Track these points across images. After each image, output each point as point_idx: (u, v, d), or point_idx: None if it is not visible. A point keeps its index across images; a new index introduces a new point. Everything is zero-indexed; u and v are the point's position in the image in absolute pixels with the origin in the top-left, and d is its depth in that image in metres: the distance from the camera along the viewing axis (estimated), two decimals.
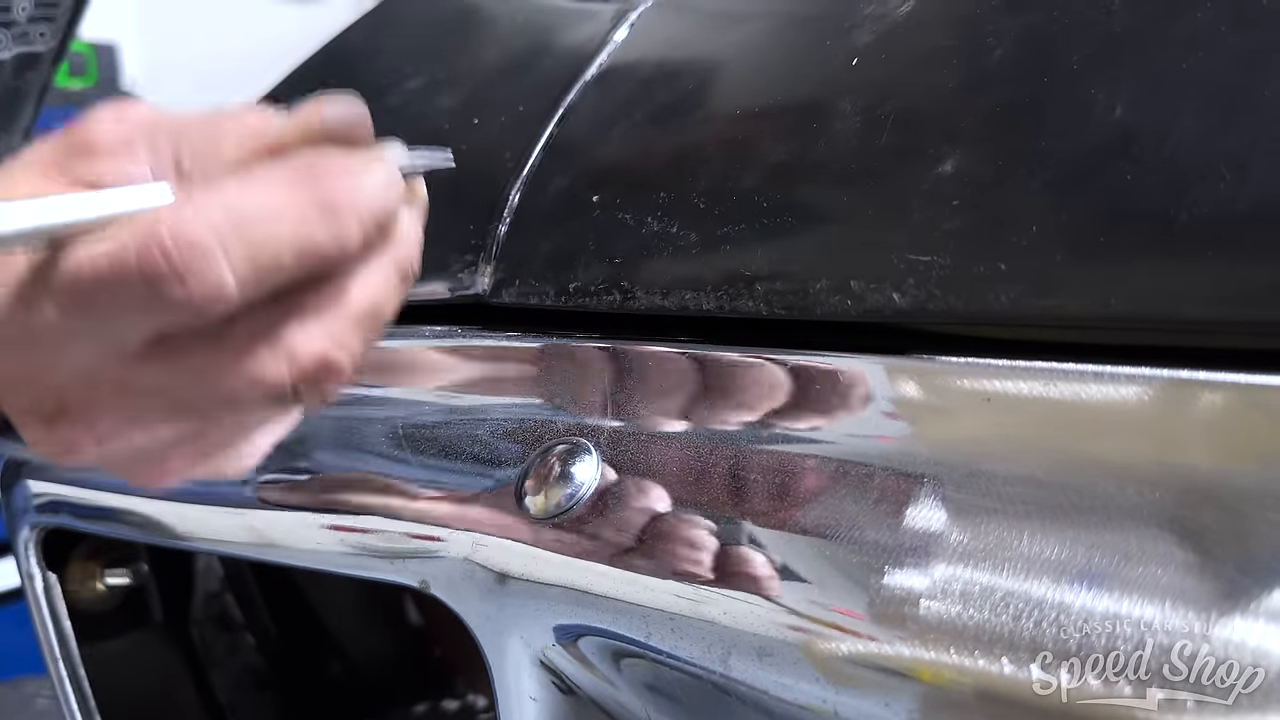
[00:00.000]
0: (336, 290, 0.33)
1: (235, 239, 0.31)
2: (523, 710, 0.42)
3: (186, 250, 0.30)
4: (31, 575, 0.59)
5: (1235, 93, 0.30)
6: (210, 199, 0.31)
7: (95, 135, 0.35)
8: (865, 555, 0.31)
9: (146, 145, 0.35)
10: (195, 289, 0.30)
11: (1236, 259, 0.29)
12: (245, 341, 0.33)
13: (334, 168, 0.32)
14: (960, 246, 0.33)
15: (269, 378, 0.33)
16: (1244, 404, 0.28)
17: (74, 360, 0.33)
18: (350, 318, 0.34)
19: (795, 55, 0.44)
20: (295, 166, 0.32)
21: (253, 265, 0.31)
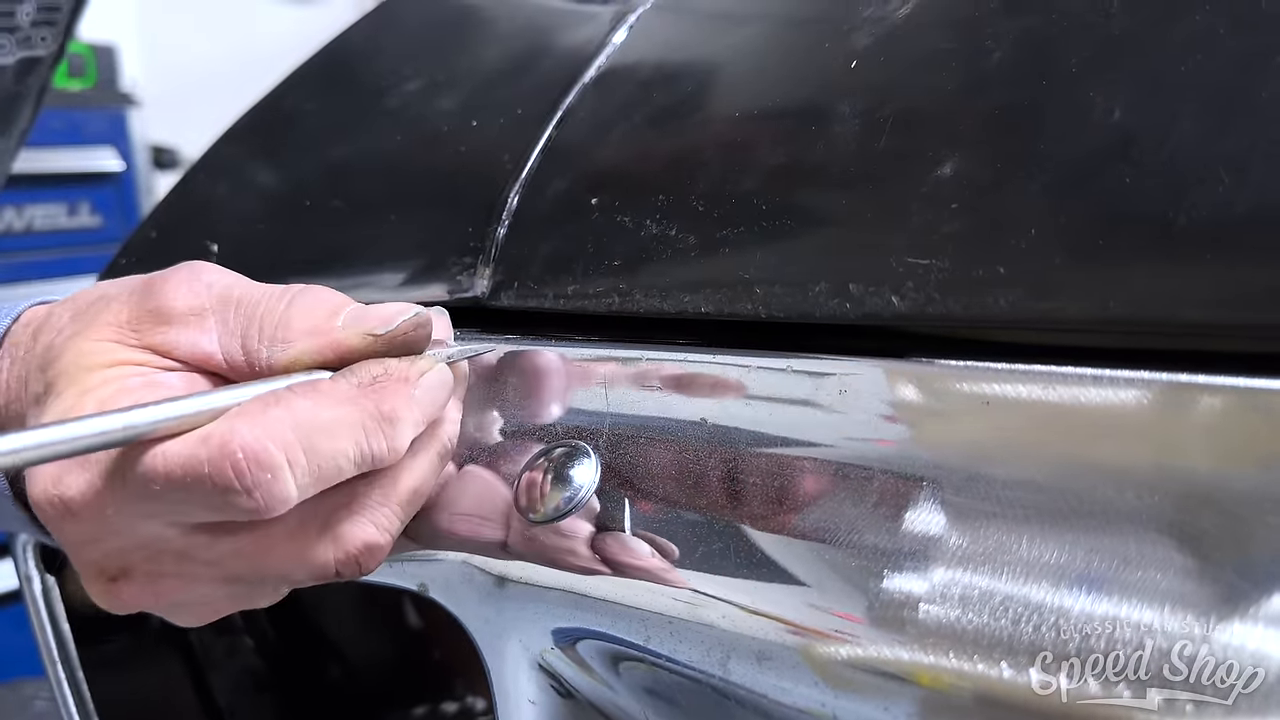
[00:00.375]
0: (386, 481, 0.37)
1: (301, 454, 0.34)
2: (521, 713, 0.42)
3: (255, 467, 0.33)
4: (30, 578, 0.59)
5: (1234, 95, 0.30)
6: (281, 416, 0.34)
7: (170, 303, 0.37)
8: (864, 559, 0.31)
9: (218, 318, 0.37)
10: (261, 500, 0.33)
11: (1235, 262, 0.29)
12: (297, 528, 0.36)
13: (394, 379, 0.36)
14: (959, 249, 0.33)
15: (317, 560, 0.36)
16: (1243, 407, 0.28)
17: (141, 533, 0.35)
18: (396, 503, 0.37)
19: (794, 58, 0.44)
20: (359, 382, 0.36)
21: (315, 476, 0.34)
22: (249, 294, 0.38)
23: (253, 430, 0.33)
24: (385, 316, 0.37)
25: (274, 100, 0.64)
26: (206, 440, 0.33)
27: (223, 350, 0.37)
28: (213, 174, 0.61)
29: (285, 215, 0.56)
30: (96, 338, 0.37)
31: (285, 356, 0.36)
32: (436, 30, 0.63)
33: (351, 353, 0.37)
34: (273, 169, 0.59)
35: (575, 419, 0.41)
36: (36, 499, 0.35)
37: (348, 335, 0.37)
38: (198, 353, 0.37)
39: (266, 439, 0.33)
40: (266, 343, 0.37)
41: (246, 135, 0.62)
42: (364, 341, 0.37)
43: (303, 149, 0.59)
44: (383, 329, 0.37)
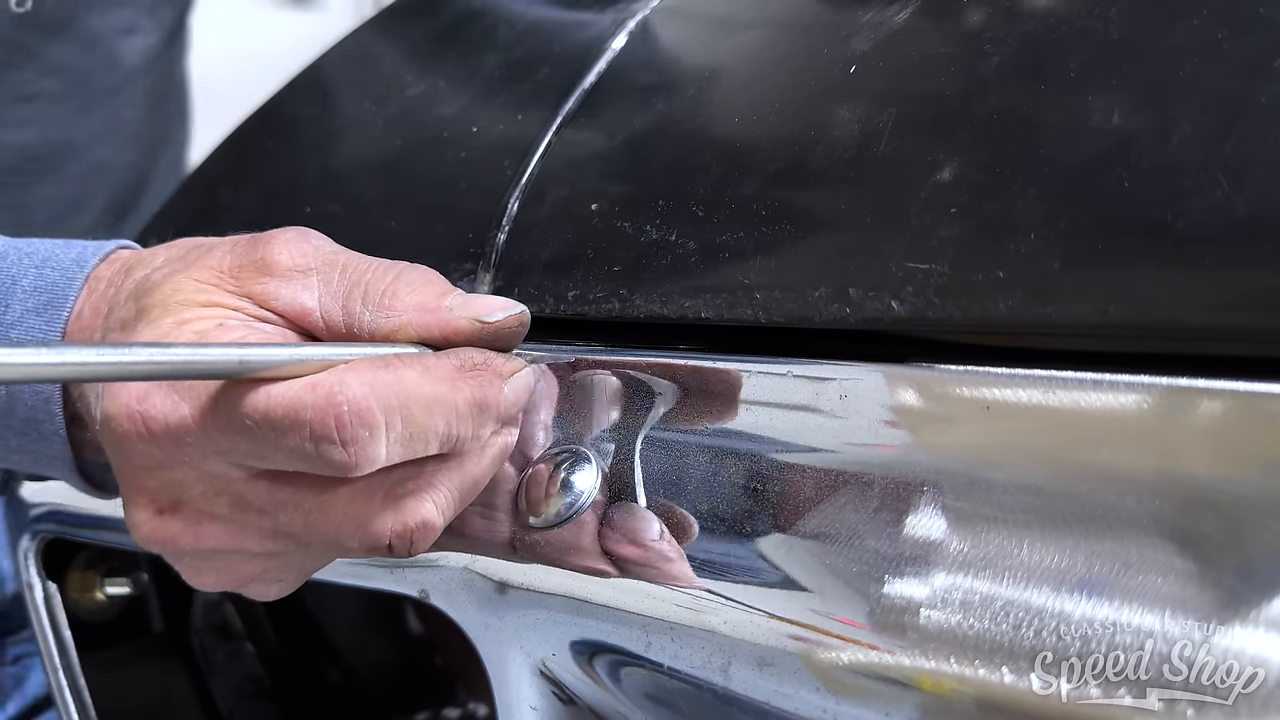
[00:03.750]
0: (456, 466, 0.37)
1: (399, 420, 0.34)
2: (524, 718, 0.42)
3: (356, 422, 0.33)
4: (31, 585, 0.59)
5: (1232, 100, 0.30)
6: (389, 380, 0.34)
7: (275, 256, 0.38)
8: (866, 564, 0.31)
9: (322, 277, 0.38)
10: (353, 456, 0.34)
11: (1235, 266, 0.29)
12: (363, 492, 0.36)
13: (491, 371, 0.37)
14: (958, 254, 0.33)
15: (372, 529, 0.36)
16: (1244, 411, 0.28)
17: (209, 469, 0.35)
18: (458, 490, 0.37)
19: (793, 63, 0.44)
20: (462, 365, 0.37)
21: (405, 445, 0.35)
22: (355, 260, 0.39)
23: (360, 387, 0.33)
24: (494, 306, 0.38)
25: (274, 106, 0.64)
26: (314, 388, 0.33)
27: (322, 308, 0.38)
28: (212, 180, 0.61)
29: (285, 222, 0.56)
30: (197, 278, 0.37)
31: (389, 324, 0.37)
32: (436, 37, 0.63)
33: (457, 335, 0.37)
34: (273, 174, 0.59)
35: (576, 425, 0.41)
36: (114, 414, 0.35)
37: (456, 318, 0.37)
38: (296, 306, 0.37)
39: (372, 398, 0.34)
40: (371, 308, 0.37)
41: (246, 141, 0.62)
42: (471, 326, 0.37)
43: (302, 155, 0.59)
44: (491, 317, 0.38)
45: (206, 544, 0.37)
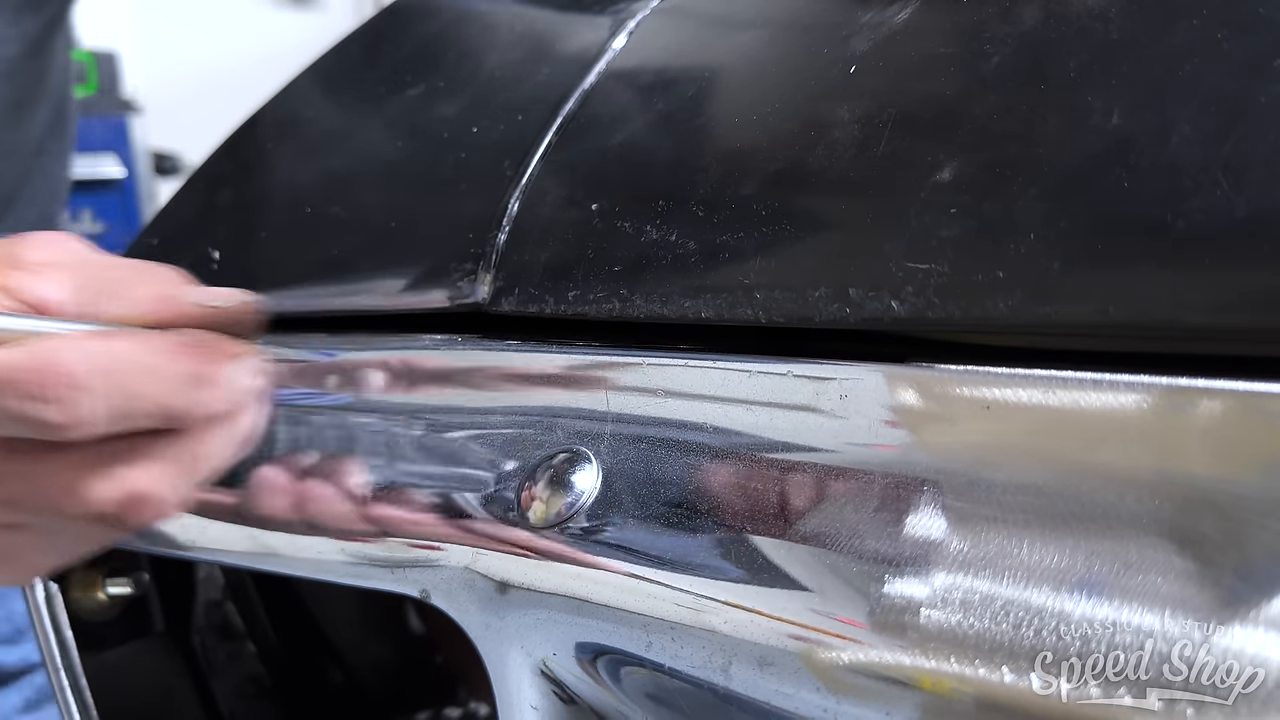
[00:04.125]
0: (181, 443, 0.38)
1: (113, 386, 0.35)
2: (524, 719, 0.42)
3: (67, 384, 0.34)
4: (32, 584, 0.59)
5: (1231, 101, 0.30)
6: (101, 348, 0.36)
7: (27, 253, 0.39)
8: (866, 564, 0.31)
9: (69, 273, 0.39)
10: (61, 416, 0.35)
11: (1234, 266, 0.29)
12: (81, 460, 0.37)
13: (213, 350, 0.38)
14: (958, 254, 0.33)
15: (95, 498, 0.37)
16: (1243, 411, 0.28)
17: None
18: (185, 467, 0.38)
19: (793, 63, 0.44)
20: (183, 342, 0.38)
21: (120, 412, 0.36)
22: (102, 258, 0.40)
23: (72, 352, 0.35)
24: (225, 294, 0.40)
25: (273, 108, 0.64)
26: (30, 353, 0.35)
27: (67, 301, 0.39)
28: (213, 182, 0.61)
29: (285, 223, 0.56)
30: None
31: (120, 309, 0.39)
32: (436, 37, 0.63)
33: (186, 319, 0.39)
34: (273, 177, 0.59)
35: (576, 425, 0.41)
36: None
37: (184, 302, 0.39)
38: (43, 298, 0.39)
39: (83, 363, 0.35)
40: (110, 298, 0.39)
41: (246, 143, 0.62)
42: (198, 310, 0.39)
43: (303, 156, 0.59)
44: (215, 302, 0.40)
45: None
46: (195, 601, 0.67)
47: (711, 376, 0.39)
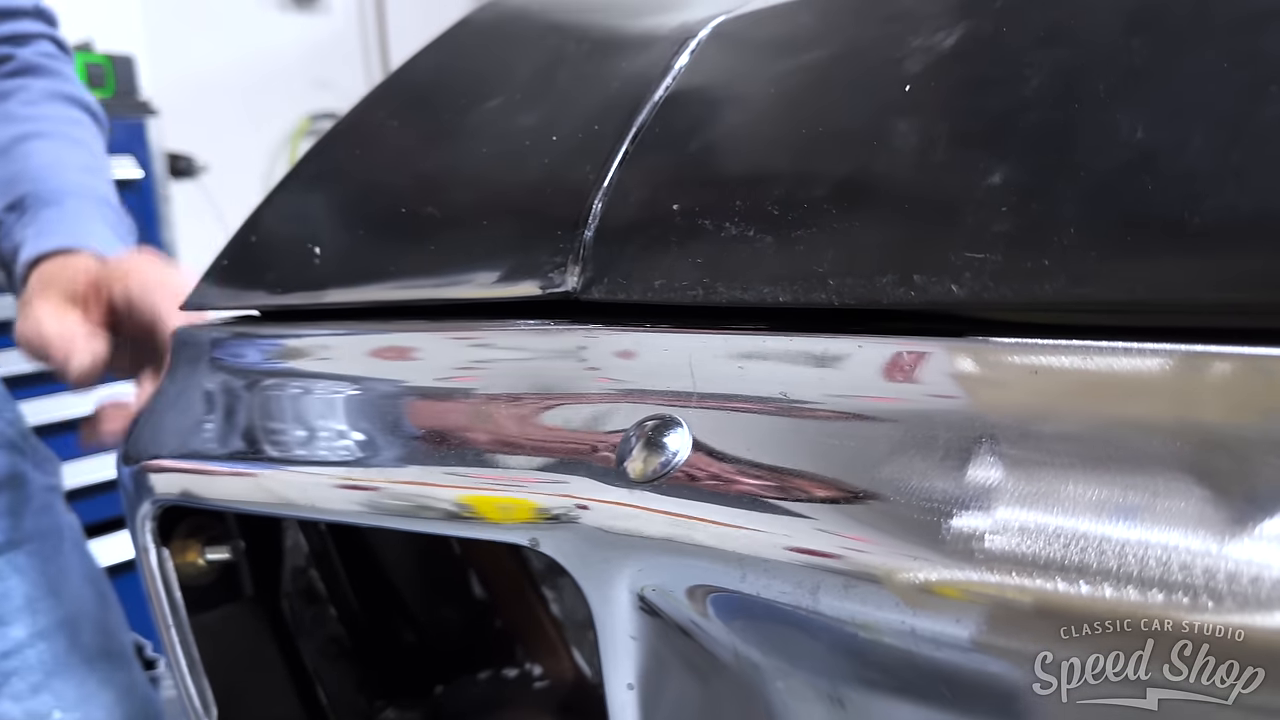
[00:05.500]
0: None
1: None
2: (623, 648, 0.48)
3: None
4: (147, 549, 0.65)
5: (1236, 118, 0.37)
6: None
7: None
8: (937, 501, 0.38)
9: None
10: None
11: (1237, 254, 0.36)
12: None
13: None
14: (1009, 246, 0.39)
15: None
16: (1247, 370, 0.34)
17: None
18: None
19: (851, 80, 0.50)
20: None
21: None
22: None
23: None
24: None
25: (357, 117, 0.70)
26: None
27: None
28: (307, 183, 0.67)
29: (382, 221, 0.62)
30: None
31: None
32: (507, 53, 0.69)
33: None
34: (365, 179, 0.66)
35: (667, 394, 0.48)
36: None
37: None
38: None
39: None
40: None
41: (336, 148, 0.68)
42: None
43: (393, 160, 0.65)
44: None
45: None
46: (283, 568, 0.73)
47: (788, 348, 0.45)
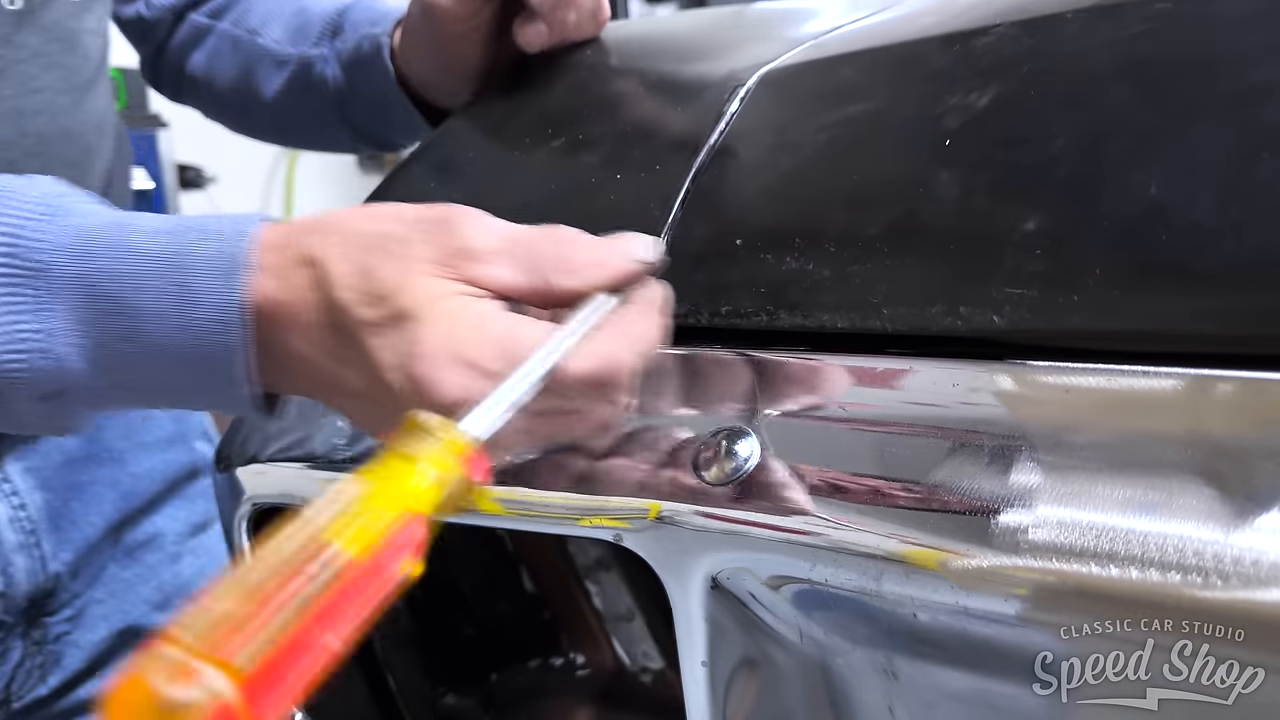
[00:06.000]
0: None
1: (640, 359, 0.49)
2: (697, 631, 0.55)
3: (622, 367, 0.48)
4: (242, 549, 0.72)
5: (1235, 179, 0.44)
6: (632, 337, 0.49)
7: (473, 243, 0.49)
8: (985, 500, 0.45)
9: (509, 255, 0.49)
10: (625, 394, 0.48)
11: (1236, 293, 0.43)
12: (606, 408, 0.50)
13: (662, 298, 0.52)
14: (1043, 283, 0.46)
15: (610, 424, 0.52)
16: (1245, 390, 0.42)
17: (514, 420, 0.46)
18: None
19: (895, 133, 0.57)
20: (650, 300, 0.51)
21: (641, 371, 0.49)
22: (523, 233, 0.50)
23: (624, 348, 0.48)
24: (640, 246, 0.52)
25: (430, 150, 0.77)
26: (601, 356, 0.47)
27: (520, 281, 0.49)
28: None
29: None
30: (423, 273, 0.48)
31: (578, 283, 0.49)
32: (565, 94, 0.76)
33: (631, 277, 0.51)
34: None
35: (737, 408, 0.54)
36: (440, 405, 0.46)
37: (628, 264, 0.51)
38: (502, 283, 0.49)
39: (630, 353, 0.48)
40: (556, 273, 0.49)
41: (411, 177, 0.75)
42: (638, 267, 0.51)
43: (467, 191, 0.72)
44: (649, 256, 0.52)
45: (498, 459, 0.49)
46: None
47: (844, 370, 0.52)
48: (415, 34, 0.83)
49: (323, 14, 0.90)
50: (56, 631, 0.86)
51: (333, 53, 0.88)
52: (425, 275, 0.48)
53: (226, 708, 0.29)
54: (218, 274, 0.49)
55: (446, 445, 0.38)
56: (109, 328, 0.50)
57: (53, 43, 0.77)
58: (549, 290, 0.49)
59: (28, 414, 0.52)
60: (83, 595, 0.87)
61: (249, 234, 0.51)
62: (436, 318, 0.47)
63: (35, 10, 0.75)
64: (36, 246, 0.50)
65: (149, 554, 0.91)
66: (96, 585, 0.88)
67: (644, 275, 0.51)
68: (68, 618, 0.87)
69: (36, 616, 0.85)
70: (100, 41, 0.85)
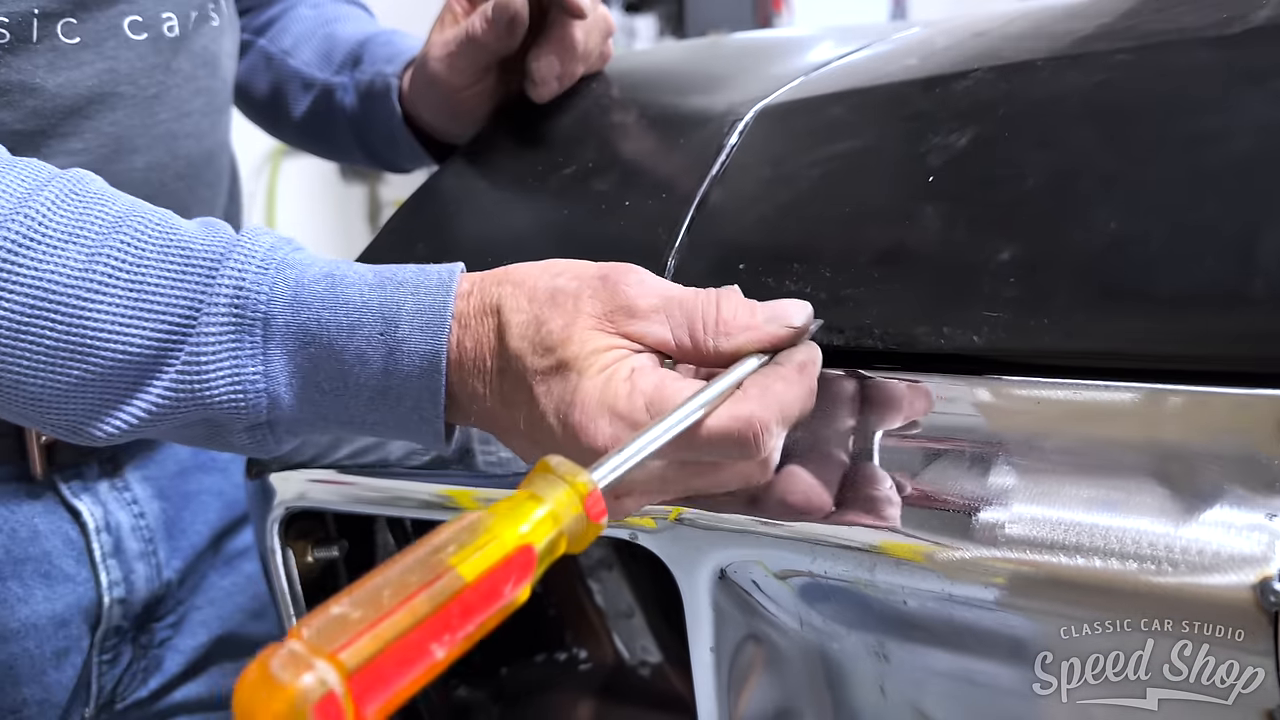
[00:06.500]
0: None
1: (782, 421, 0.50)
2: (705, 620, 0.60)
3: (764, 431, 0.49)
4: (274, 550, 0.77)
5: (1186, 215, 0.50)
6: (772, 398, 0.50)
7: (635, 301, 0.52)
8: (966, 498, 0.51)
9: (667, 313, 0.53)
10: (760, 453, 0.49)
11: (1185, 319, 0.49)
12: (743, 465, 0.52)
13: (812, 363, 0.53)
14: (1017, 307, 0.52)
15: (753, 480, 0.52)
16: (1193, 403, 0.48)
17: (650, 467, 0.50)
18: None
19: (884, 167, 0.63)
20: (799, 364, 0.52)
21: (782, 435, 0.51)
22: (681, 294, 0.53)
23: (763, 409, 0.49)
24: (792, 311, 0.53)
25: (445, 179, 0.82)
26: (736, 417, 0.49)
27: (675, 339, 0.52)
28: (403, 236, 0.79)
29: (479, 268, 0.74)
30: (586, 326, 0.52)
31: (731, 345, 0.52)
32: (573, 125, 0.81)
33: (781, 342, 0.53)
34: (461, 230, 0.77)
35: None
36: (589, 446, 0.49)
37: (778, 330, 0.52)
38: (659, 340, 0.52)
39: (769, 414, 0.49)
40: (711, 335, 0.52)
41: (430, 203, 0.80)
42: (789, 333, 0.53)
43: (482, 217, 0.77)
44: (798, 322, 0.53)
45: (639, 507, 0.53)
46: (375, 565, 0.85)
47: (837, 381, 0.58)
48: (419, 88, 0.88)
49: (347, 41, 0.96)
50: (160, 637, 0.91)
51: (352, 82, 0.93)
52: (588, 329, 0.52)
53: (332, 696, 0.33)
54: (422, 326, 0.54)
55: (571, 487, 0.42)
56: (320, 371, 0.55)
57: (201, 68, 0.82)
58: (702, 350, 0.52)
59: (237, 440, 0.58)
60: (185, 602, 0.92)
61: (451, 287, 0.56)
62: (594, 370, 0.51)
63: (188, 36, 0.80)
64: (260, 298, 0.55)
65: (246, 563, 0.96)
66: (198, 593, 0.93)
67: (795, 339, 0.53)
68: (171, 624, 0.91)
69: (146, 622, 0.89)
70: (233, 65, 0.90)
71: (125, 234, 0.55)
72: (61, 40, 0.71)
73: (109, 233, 0.55)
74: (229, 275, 0.55)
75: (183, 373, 0.55)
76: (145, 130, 0.77)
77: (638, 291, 0.53)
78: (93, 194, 0.57)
